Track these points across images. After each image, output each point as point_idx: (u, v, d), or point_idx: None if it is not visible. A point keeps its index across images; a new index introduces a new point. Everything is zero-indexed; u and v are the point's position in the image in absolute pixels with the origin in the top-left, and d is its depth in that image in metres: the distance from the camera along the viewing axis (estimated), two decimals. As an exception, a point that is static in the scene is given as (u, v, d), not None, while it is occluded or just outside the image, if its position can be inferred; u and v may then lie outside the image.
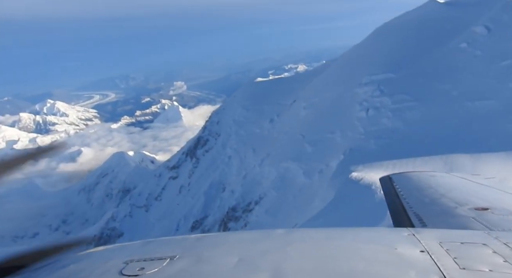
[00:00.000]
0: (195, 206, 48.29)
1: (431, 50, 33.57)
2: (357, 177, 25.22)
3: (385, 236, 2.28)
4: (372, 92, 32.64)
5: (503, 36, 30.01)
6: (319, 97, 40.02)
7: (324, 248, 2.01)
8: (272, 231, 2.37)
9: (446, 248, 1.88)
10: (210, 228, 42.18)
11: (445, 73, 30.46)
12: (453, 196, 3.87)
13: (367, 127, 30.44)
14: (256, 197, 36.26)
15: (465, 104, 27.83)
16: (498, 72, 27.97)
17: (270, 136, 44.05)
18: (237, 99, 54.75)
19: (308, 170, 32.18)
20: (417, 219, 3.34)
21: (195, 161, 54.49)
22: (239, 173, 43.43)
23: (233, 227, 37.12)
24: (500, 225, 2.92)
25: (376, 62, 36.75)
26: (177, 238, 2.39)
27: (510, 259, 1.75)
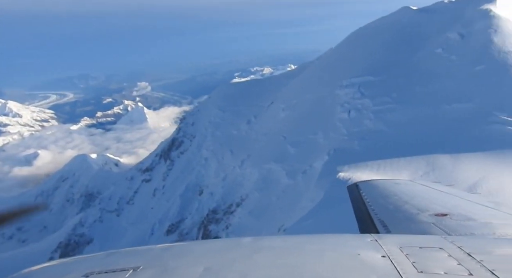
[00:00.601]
0: (170, 209, 47.71)
1: (408, 55, 35.09)
2: (345, 177, 25.98)
3: (349, 242, 2.36)
4: (353, 94, 33.68)
5: (475, 42, 31.87)
6: (298, 99, 40.74)
7: (290, 255, 2.06)
8: (240, 239, 2.42)
9: (406, 252, 1.96)
10: (188, 231, 41.84)
11: (423, 76, 31.93)
12: (415, 202, 4.07)
13: (350, 129, 31.37)
14: (237, 199, 36.38)
15: (443, 107, 29.31)
16: (473, 76, 29.67)
17: (248, 138, 44.31)
18: (213, 101, 54.65)
19: (291, 171, 32.69)
20: (382, 225, 3.52)
21: (170, 163, 53.84)
22: (218, 175, 43.38)
23: (214, 230, 37.05)
24: (457, 230, 3.13)
25: (355, 65, 37.93)
26: (141, 249, 2.37)
27: (463, 262, 1.85)
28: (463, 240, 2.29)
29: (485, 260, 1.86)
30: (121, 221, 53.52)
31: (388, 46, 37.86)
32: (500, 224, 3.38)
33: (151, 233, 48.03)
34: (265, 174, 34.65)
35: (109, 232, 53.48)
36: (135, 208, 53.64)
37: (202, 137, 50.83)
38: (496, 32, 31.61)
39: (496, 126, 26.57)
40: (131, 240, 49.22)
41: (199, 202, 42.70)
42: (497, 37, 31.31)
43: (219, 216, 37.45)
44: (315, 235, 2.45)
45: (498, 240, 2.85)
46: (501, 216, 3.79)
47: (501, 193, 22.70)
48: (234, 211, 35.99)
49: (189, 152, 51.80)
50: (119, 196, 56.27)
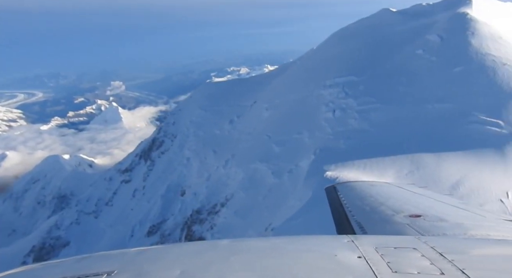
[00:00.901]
0: (151, 210, 47.18)
1: (389, 55, 35.97)
2: (332, 176, 26.44)
3: (326, 243, 2.43)
4: (337, 94, 34.27)
5: (454, 44, 32.99)
6: (281, 99, 41.08)
7: (267, 257, 2.09)
8: (216, 241, 2.47)
9: (381, 253, 2.03)
10: (171, 232, 41.50)
11: (405, 77, 32.84)
12: (391, 204, 4.21)
13: (335, 128, 31.92)
14: (222, 199, 36.36)
15: (425, 107, 30.23)
16: (453, 77, 30.73)
17: (232, 137, 44.34)
18: (194, 100, 54.35)
19: (277, 170, 32.96)
20: (358, 226, 3.63)
21: (150, 163, 53.19)
22: (201, 175, 43.21)
23: (198, 230, 36.90)
24: (430, 231, 3.24)
25: (337, 65, 38.59)
26: (115, 252, 2.35)
27: (436, 262, 1.93)
28: (436, 240, 2.36)
29: (456, 260, 1.93)
30: (99, 223, 52.52)
31: (369, 47, 38.69)
32: (470, 225, 3.53)
33: (131, 234, 47.37)
34: (250, 173, 34.77)
35: (86, 235, 52.39)
36: (114, 209, 52.73)
37: (183, 137, 50.47)
38: (473, 34, 32.82)
39: (476, 126, 27.60)
40: (110, 242, 48.39)
41: (182, 202, 42.41)
42: (475, 39, 32.52)
43: (203, 216, 37.32)
44: (292, 237, 2.52)
45: (469, 240, 2.96)
46: (472, 217, 3.94)
47: (481, 191, 23.69)
48: (219, 211, 35.94)
49: (171, 152, 51.34)
50: (97, 197, 55.17)
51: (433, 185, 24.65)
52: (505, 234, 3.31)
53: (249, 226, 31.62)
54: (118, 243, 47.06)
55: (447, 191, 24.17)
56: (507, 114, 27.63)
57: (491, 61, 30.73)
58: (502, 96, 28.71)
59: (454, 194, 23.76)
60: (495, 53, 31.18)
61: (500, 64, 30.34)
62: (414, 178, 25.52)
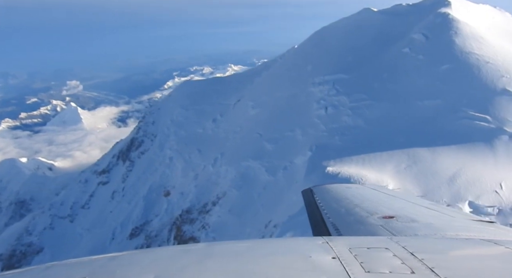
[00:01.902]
0: (133, 212, 46.00)
1: (376, 54, 37.08)
2: (334, 171, 26.98)
3: (301, 245, 2.48)
4: (328, 91, 34.90)
5: (439, 43, 34.51)
6: (268, 97, 41.29)
7: (242, 260, 2.13)
8: (191, 246, 2.58)
9: (355, 253, 2.08)
10: (157, 233, 40.66)
11: (394, 74, 33.98)
12: (365, 206, 4.31)
13: (328, 125, 32.50)
14: (213, 197, 36.09)
15: (415, 103, 31.43)
16: (441, 74, 32.15)
17: (217, 136, 44.08)
18: (174, 99, 53.50)
19: (271, 168, 33.13)
20: (334, 228, 3.72)
21: (129, 164, 51.77)
22: (186, 174, 42.62)
23: (189, 230, 36.42)
24: (403, 232, 3.34)
25: (324, 63, 39.30)
26: (86, 259, 2.31)
27: (406, 261, 2.00)
28: (407, 240, 2.47)
29: (426, 259, 2.01)
30: (76, 227, 50.55)
31: (355, 45, 39.69)
32: (441, 225, 3.69)
33: (112, 237, 45.97)
34: (242, 171, 34.72)
35: (61, 240, 50.29)
36: (91, 212, 50.91)
37: (164, 136, 49.55)
38: (456, 34, 34.47)
39: (466, 121, 29.03)
40: (89, 247, 46.78)
41: (169, 203, 41.66)
42: (458, 38, 34.17)
43: (193, 215, 36.84)
44: (267, 239, 2.68)
45: (438, 239, 3.09)
46: (442, 217, 4.12)
47: (477, 183, 24.98)
48: (210, 210, 35.64)
49: (151, 152, 50.25)
50: (72, 200, 53.04)
51: (431, 178, 25.76)
52: (473, 233, 3.49)
53: (246, 224, 31.59)
54: (98, 247, 45.57)
55: (445, 184, 25.35)
56: (493, 110, 29.24)
57: (475, 59, 32.40)
58: (488, 92, 30.35)
59: (452, 187, 24.99)
60: (478, 52, 32.90)
61: (483, 62, 32.06)
62: (412, 172, 26.54)
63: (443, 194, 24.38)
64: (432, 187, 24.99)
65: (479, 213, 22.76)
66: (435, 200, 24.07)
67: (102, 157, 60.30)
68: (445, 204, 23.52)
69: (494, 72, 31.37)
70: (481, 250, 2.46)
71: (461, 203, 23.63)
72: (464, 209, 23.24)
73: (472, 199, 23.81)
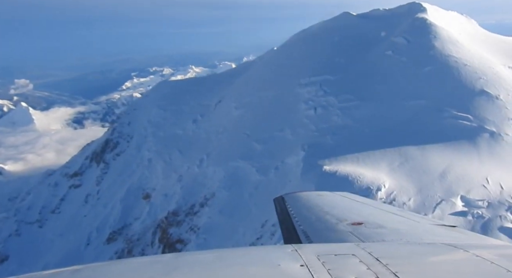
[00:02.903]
0: (110, 216, 44.64)
1: (360, 56, 38.39)
2: (331, 169, 27.72)
3: (270, 253, 2.54)
4: (316, 92, 35.71)
5: (420, 46, 36.32)
6: (252, 97, 41.56)
7: (211, 271, 2.14)
8: (159, 256, 2.52)
9: (323, 260, 2.12)
10: (140, 237, 39.71)
11: (378, 76, 35.34)
12: (335, 213, 4.40)
13: (319, 125, 33.26)
14: (200, 199, 35.82)
15: (401, 104, 32.86)
16: (424, 76, 33.84)
17: (198, 137, 43.78)
18: (150, 100, 52.49)
19: (262, 168, 33.40)
20: (304, 236, 3.78)
21: (104, 166, 50.11)
22: (168, 176, 41.96)
23: (176, 232, 35.91)
24: (371, 237, 3.42)
25: (308, 65, 40.15)
26: (46, 273, 2.24)
27: (372, 267, 2.06)
28: (373, 246, 2.54)
29: (390, 264, 2.09)
30: (46, 233, 48.27)
31: (337, 48, 40.87)
32: (406, 230, 3.86)
33: (87, 243, 44.38)
34: (231, 171, 34.72)
35: (29, 247, 47.80)
36: (62, 217, 48.77)
37: (141, 137, 48.47)
38: (435, 38, 36.42)
39: (449, 120, 30.74)
40: (62, 253, 44.88)
41: (151, 205, 40.80)
42: (437, 42, 36.11)
43: (180, 217, 36.34)
44: (236, 248, 2.78)
45: (403, 244, 3.21)
46: (408, 223, 4.31)
47: (466, 178, 26.53)
48: (198, 211, 35.35)
49: (127, 154, 48.95)
50: (40, 205, 50.52)
51: (423, 175, 27.08)
52: (436, 237, 3.66)
53: (238, 224, 31.63)
54: (72, 253, 43.84)
55: (437, 180, 26.73)
56: (474, 109, 31.18)
57: (454, 62, 34.38)
58: (467, 93, 32.31)
59: (443, 182, 26.38)
60: (456, 55, 34.94)
61: (462, 65, 34.09)
62: (405, 169, 27.76)
63: (436, 189, 25.66)
64: (426, 183, 26.23)
65: (471, 207, 24.24)
66: (430, 195, 25.41)
67: (72, 158, 57.90)
68: (439, 199, 24.88)
69: (472, 74, 33.43)
70: (441, 254, 2.58)
71: (454, 198, 24.96)
72: (457, 203, 24.63)
73: (464, 194, 25.20)
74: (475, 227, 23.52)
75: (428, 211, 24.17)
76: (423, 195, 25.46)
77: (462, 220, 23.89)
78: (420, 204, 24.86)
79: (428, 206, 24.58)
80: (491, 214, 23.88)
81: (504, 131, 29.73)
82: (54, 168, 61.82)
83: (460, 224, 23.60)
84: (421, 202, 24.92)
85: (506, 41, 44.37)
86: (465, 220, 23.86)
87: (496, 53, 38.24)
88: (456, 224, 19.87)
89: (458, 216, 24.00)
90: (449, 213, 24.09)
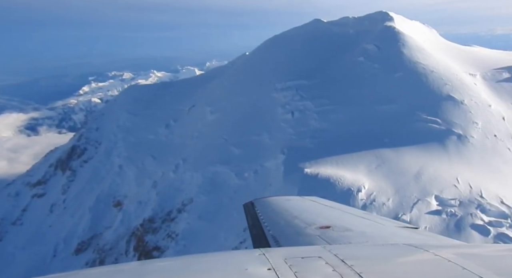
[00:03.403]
0: (78, 225, 43.22)
1: (332, 62, 39.76)
2: (312, 172, 28.55)
3: (238, 258, 2.58)
4: (292, 97, 36.59)
5: (390, 53, 38.12)
6: (227, 102, 41.88)
7: (179, 276, 2.16)
8: (123, 265, 2.57)
9: (290, 264, 2.17)
10: (112, 246, 38.76)
11: (352, 81, 36.74)
12: (304, 217, 4.48)
13: (296, 128, 34.09)
14: (178, 205, 35.60)
15: (375, 108, 34.33)
16: (395, 81, 35.54)
17: (171, 142, 43.49)
18: (119, 104, 51.44)
19: (241, 172, 33.74)
20: (274, 240, 3.83)
21: (71, 173, 48.42)
22: (142, 182, 41.31)
23: (152, 240, 35.43)
24: (338, 241, 3.50)
25: (283, 69, 41.10)
26: None
27: (337, 268, 2.13)
28: (339, 248, 2.61)
29: (355, 265, 2.15)
30: (6, 246, 45.92)
31: (310, 53, 42.09)
32: (372, 233, 4.03)
33: (54, 254, 42.70)
34: (210, 176, 34.80)
35: (-13, 261, 45.28)
36: (25, 228, 46.59)
37: (110, 143, 47.39)
38: (404, 45, 38.37)
39: (420, 124, 32.47)
40: (25, 266, 42.88)
41: (124, 213, 39.92)
42: (405, 50, 38.06)
43: (156, 224, 35.88)
44: (204, 254, 2.76)
45: (367, 246, 3.31)
46: (374, 226, 4.48)
47: (439, 178, 28.11)
48: (176, 217, 35.10)
49: (95, 160, 47.62)
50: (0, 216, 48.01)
51: (400, 176, 28.43)
52: (399, 239, 3.83)
53: (219, 229, 31.71)
54: (37, 266, 42.07)
55: (412, 181, 28.15)
56: (442, 113, 33.11)
57: (421, 68, 36.36)
58: (435, 98, 34.26)
59: (418, 183, 27.82)
60: (423, 62, 36.97)
61: (429, 71, 36.11)
62: (382, 171, 29.04)
63: (412, 190, 27.00)
64: (402, 184, 27.55)
65: (444, 206, 25.67)
66: (406, 195, 26.71)
67: (34, 166, 55.47)
68: (416, 198, 26.22)
69: (438, 80, 35.49)
70: (403, 254, 2.70)
71: (429, 197, 26.35)
72: (432, 202, 26.01)
73: (437, 193, 26.66)
74: (450, 225, 24.95)
75: (406, 210, 25.43)
76: (400, 195, 26.72)
77: (437, 218, 25.30)
78: (398, 204, 26.06)
79: (406, 206, 25.83)
80: (463, 212, 25.35)
81: (470, 134, 31.72)
82: (7, 177, 58.91)
83: (435, 223, 25.06)
84: (399, 202, 26.14)
85: (464, 50, 47.32)
86: (440, 218, 25.26)
87: (457, 61, 40.72)
88: (432, 222, 21.05)
89: (434, 215, 25.35)
90: (425, 212, 25.41)
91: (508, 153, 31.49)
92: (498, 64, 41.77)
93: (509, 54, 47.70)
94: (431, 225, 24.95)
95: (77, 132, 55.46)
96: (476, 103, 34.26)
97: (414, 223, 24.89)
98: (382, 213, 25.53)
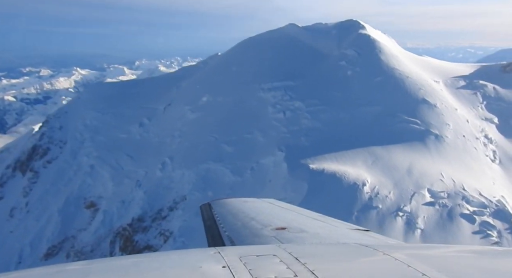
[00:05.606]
0: (46, 229, 41.11)
1: (313, 65, 42.41)
2: (318, 168, 30.70)
3: (192, 256, 2.69)
4: (282, 97, 38.56)
5: (369, 58, 41.68)
6: (208, 101, 42.68)
7: (130, 275, 2.22)
8: (68, 265, 2.57)
9: (244, 262, 2.27)
10: (93, 248, 37.57)
11: (337, 84, 39.65)
12: (260, 219, 4.60)
13: (289, 127, 36.08)
14: (168, 203, 35.75)
15: (360, 109, 37.46)
16: (376, 85, 39.02)
17: (148, 141, 43.25)
18: (84, 102, 49.57)
19: (236, 169, 34.88)
20: (229, 241, 3.96)
21: (33, 175, 45.57)
22: (120, 182, 40.49)
23: (142, 239, 35.16)
24: (293, 241, 3.72)
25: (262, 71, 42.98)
26: None
27: (291, 266, 2.24)
28: (293, 247, 2.73)
29: (308, 263, 2.27)
30: (-43, 255, 42.07)
31: (288, 56, 44.48)
32: (325, 234, 4.18)
33: (19, 261, 40.19)
34: (203, 174, 35.44)
35: None
36: (-21, 235, 43.05)
37: (77, 143, 45.55)
38: (381, 52, 42.17)
39: (403, 124, 36.11)
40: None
41: (105, 213, 38.79)
42: (383, 56, 41.87)
43: (146, 223, 35.59)
44: (157, 253, 4.03)
45: (320, 245, 3.51)
46: (327, 227, 4.64)
47: (427, 173, 31.62)
48: (167, 215, 35.20)
49: (60, 160, 45.40)
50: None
51: (394, 171, 31.62)
52: (351, 240, 4.04)
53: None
54: (-3, 276, 39.29)
55: (406, 176, 31.46)
56: (420, 115, 37.08)
57: (398, 74, 40.31)
58: (413, 101, 38.23)
59: (412, 178, 31.14)
60: (399, 68, 40.99)
61: (404, 77, 40.15)
62: (378, 166, 32.02)
63: (408, 183, 30.23)
64: (398, 179, 30.70)
65: (436, 198, 29.17)
66: (404, 189, 29.86)
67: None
68: (412, 191, 29.42)
69: (413, 85, 39.63)
70: (354, 253, 2.87)
71: (423, 190, 29.74)
72: (426, 195, 29.38)
73: (429, 187, 30.10)
74: (443, 214, 28.51)
75: (406, 202, 28.55)
76: (398, 189, 29.80)
77: (432, 209, 28.75)
78: (398, 196, 29.09)
79: (405, 198, 28.94)
80: (452, 203, 28.96)
81: (445, 135, 35.91)
82: None
83: (431, 213, 28.47)
84: (398, 195, 29.18)
85: (421, 59, 52.70)
86: (434, 209, 28.75)
87: (422, 68, 45.53)
88: (428, 213, 24.75)
89: (429, 206, 28.76)
90: (422, 204, 28.72)
91: (475, 151, 36.07)
92: (452, 73, 47.38)
93: (457, 65, 53.98)
94: (428, 215, 28.37)
95: (38, 131, 52.03)
96: (446, 107, 38.76)
97: (414, 214, 28.10)
98: (386, 205, 28.43)
